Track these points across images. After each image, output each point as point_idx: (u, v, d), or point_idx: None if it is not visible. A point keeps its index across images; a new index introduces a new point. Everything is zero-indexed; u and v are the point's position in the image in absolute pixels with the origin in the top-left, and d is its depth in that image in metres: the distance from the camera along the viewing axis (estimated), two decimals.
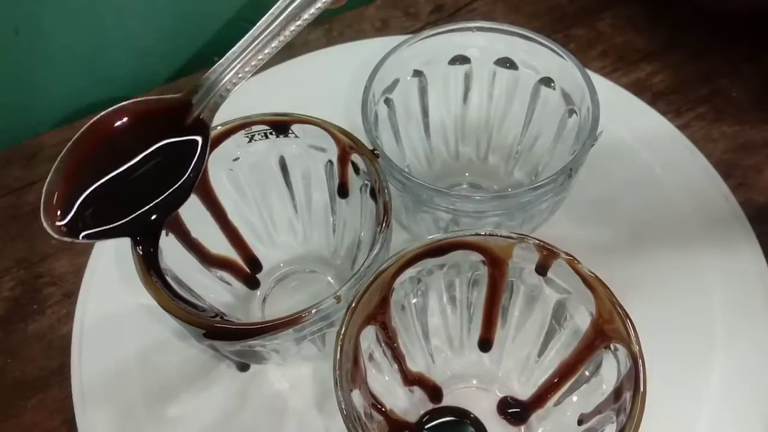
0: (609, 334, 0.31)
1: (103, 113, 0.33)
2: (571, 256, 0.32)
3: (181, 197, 0.33)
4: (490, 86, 0.43)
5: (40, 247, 0.49)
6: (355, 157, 0.37)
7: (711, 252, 0.43)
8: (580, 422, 0.33)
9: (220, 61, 0.34)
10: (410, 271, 0.34)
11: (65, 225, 0.31)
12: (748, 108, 0.53)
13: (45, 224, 0.31)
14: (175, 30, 0.59)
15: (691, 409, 0.38)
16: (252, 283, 0.42)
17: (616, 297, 0.31)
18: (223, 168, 0.38)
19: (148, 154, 0.33)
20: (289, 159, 0.40)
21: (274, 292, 0.43)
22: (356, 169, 0.38)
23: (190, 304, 0.33)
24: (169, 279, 0.35)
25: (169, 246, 0.36)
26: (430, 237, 0.33)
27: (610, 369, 0.32)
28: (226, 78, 0.34)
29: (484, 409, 0.38)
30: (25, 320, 0.46)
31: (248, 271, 0.42)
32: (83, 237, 0.32)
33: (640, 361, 0.29)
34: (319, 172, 0.40)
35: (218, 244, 0.40)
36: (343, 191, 0.39)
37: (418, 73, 0.42)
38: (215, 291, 0.39)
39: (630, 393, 0.29)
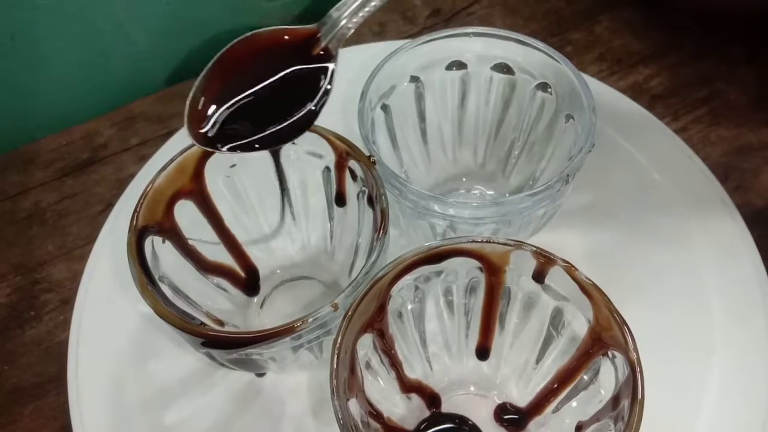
0: (606, 341, 0.31)
1: (238, 39, 0.36)
2: (568, 262, 0.32)
3: (306, 123, 0.36)
4: (487, 92, 0.43)
5: (37, 253, 0.49)
6: (352, 164, 0.37)
7: (709, 256, 0.43)
8: (578, 429, 0.33)
9: None
10: (407, 279, 0.34)
11: (206, 135, 0.35)
12: (746, 111, 0.53)
13: (189, 134, 0.35)
14: (173, 34, 0.59)
15: (690, 415, 0.38)
16: (249, 289, 0.42)
17: (614, 304, 0.31)
18: (220, 174, 0.38)
19: (278, 78, 0.36)
20: (286, 165, 0.40)
21: (272, 298, 0.43)
22: (353, 176, 0.38)
23: (185, 313, 0.33)
24: (166, 286, 0.35)
25: (165, 253, 0.36)
26: (426, 244, 0.33)
27: (608, 376, 0.32)
28: (350, 9, 0.36)
29: (483, 415, 0.38)
30: (22, 327, 0.46)
31: (245, 277, 0.42)
32: (227, 149, 0.35)
33: (637, 369, 0.29)
34: (316, 179, 0.40)
35: (215, 251, 0.40)
36: (340, 200, 0.39)
37: (414, 79, 0.42)
38: (212, 298, 0.39)
39: (628, 401, 0.29)
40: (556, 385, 0.35)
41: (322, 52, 0.36)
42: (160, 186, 0.36)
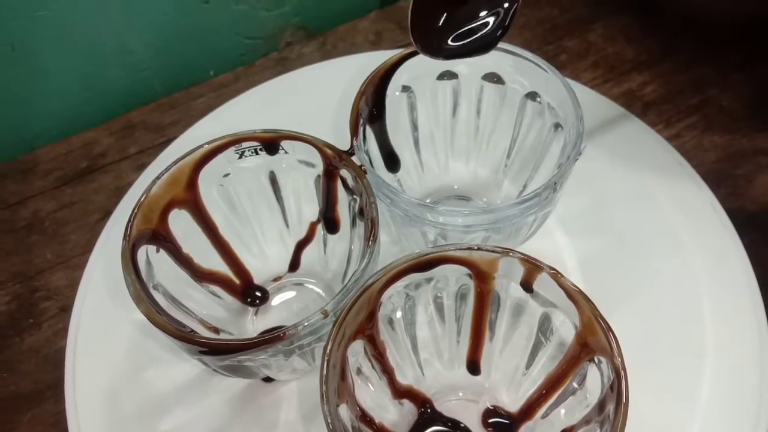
0: (592, 346, 0.32)
1: None
2: (555, 269, 0.32)
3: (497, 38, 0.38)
4: (478, 101, 0.43)
5: (36, 262, 0.49)
6: (344, 173, 0.37)
7: (700, 263, 0.43)
8: None
9: None
10: (398, 285, 0.34)
11: (427, 44, 0.37)
12: (739, 117, 0.54)
13: (414, 44, 0.37)
14: (170, 44, 0.59)
15: (681, 421, 0.38)
16: (244, 297, 0.43)
17: (599, 310, 0.31)
18: (214, 183, 0.39)
19: None
20: (279, 174, 0.40)
21: (266, 305, 0.43)
22: (345, 185, 0.38)
23: (178, 321, 0.34)
24: (160, 295, 0.35)
25: (160, 262, 0.36)
26: (416, 251, 0.34)
27: (594, 381, 0.32)
28: None
29: (474, 421, 0.38)
30: (20, 334, 0.46)
31: (240, 285, 0.42)
32: (444, 56, 0.37)
33: (622, 373, 0.30)
34: (309, 187, 0.40)
35: (210, 259, 0.40)
36: (333, 226, 0.40)
37: (406, 89, 0.42)
38: (207, 306, 0.39)
39: (613, 405, 0.30)
40: (545, 391, 0.35)
41: None
42: (155, 195, 0.36)
